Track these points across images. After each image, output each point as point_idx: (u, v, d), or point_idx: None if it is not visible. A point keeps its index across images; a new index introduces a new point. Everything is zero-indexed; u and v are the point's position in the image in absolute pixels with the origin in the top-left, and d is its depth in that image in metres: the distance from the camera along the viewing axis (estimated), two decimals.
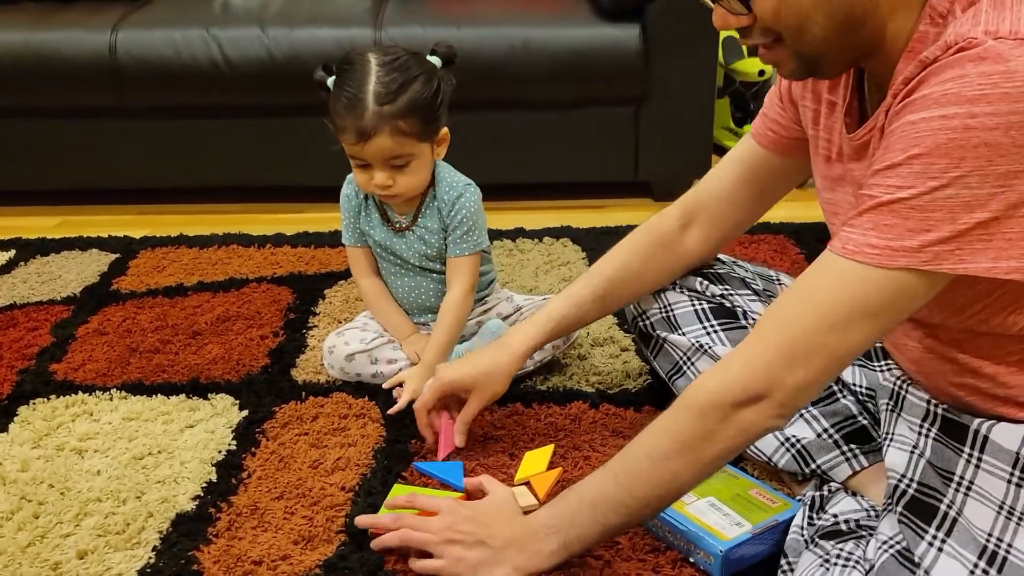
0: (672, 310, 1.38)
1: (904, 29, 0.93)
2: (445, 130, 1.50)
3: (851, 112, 1.06)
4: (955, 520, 0.94)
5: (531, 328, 1.36)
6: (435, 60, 1.47)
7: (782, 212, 1.66)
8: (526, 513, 1.12)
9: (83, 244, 2.27)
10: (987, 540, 0.91)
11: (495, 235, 2.23)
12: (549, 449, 1.36)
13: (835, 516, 1.10)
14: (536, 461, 1.34)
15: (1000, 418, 1.00)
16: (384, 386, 1.51)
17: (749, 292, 1.38)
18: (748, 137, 1.29)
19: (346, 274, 1.99)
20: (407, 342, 1.58)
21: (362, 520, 1.20)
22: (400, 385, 1.49)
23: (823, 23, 0.92)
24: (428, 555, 1.10)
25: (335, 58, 1.49)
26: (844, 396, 1.26)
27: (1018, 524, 0.91)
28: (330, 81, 1.46)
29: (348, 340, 1.58)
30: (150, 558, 1.18)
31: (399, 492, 1.28)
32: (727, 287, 1.38)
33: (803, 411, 1.24)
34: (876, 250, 0.88)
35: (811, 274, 0.95)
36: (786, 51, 0.96)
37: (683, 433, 0.98)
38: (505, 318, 1.64)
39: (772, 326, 0.95)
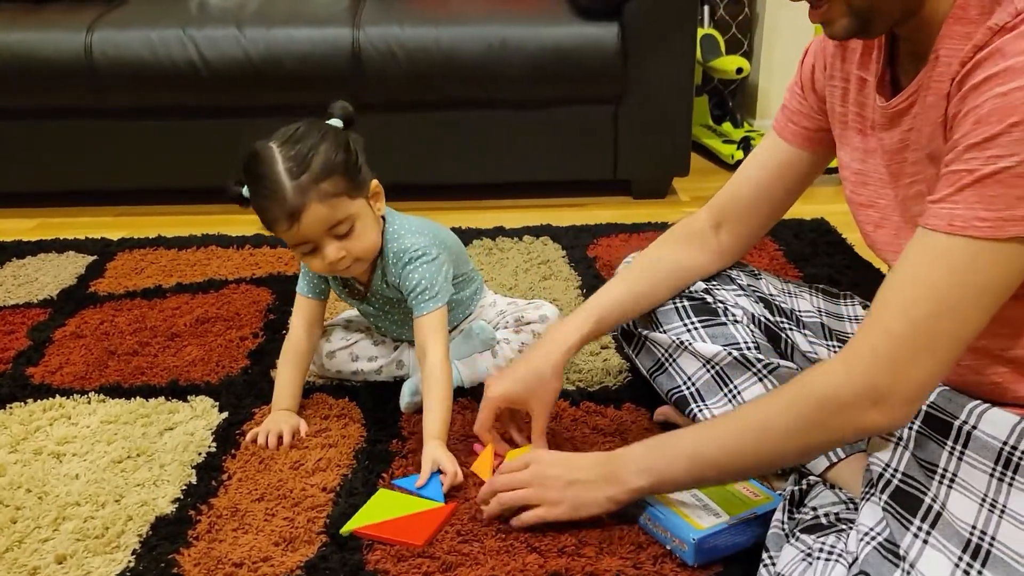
0: (653, 307, 1.38)
1: None
2: (375, 182, 1.41)
3: (883, 83, 1.08)
4: (939, 514, 0.95)
5: (575, 321, 1.34)
6: (336, 123, 1.39)
7: None
8: None
9: (60, 246, 2.26)
10: (971, 533, 0.91)
11: (475, 234, 2.23)
12: (525, 450, 1.35)
13: (814, 509, 1.10)
14: None
15: (996, 399, 1.02)
16: (419, 484, 1.30)
17: (735, 287, 1.38)
18: (771, 132, 1.31)
19: None
20: (274, 414, 1.46)
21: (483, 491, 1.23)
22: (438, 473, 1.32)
23: None
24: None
25: (314, 59, 1.44)
26: None
27: (1000, 517, 0.92)
28: (245, 190, 1.38)
29: (329, 338, 1.58)
30: (130, 562, 1.17)
31: (383, 497, 1.27)
32: (712, 282, 1.38)
33: None
34: (987, 223, 0.88)
35: (916, 257, 0.94)
36: (840, 7, 0.97)
37: (800, 418, 0.99)
38: (487, 322, 1.64)
39: (891, 315, 0.94)
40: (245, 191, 1.38)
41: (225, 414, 1.50)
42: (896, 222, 1.11)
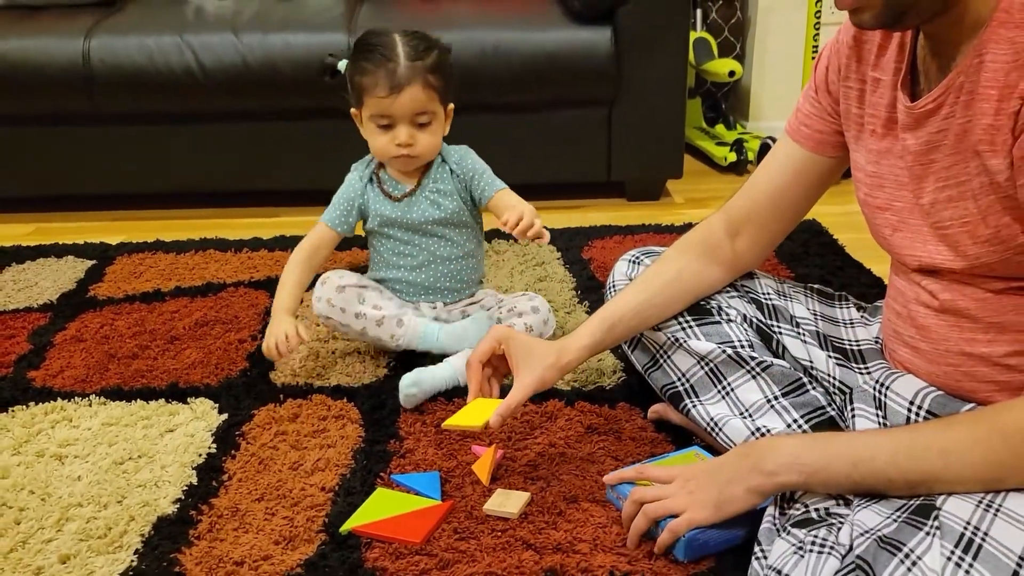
0: (663, 320, 1.39)
1: None
2: (452, 106, 1.63)
3: (906, 83, 1.08)
4: (936, 513, 0.97)
5: (587, 328, 1.33)
6: None
7: None
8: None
9: (59, 251, 2.27)
10: (964, 528, 0.93)
11: None
12: (495, 403, 1.29)
13: (805, 505, 1.11)
14: (479, 410, 1.29)
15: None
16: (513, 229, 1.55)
17: (729, 288, 1.40)
18: (784, 136, 1.29)
19: None
20: (274, 318, 1.59)
21: (611, 478, 1.25)
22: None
23: None
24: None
25: (310, 64, 1.54)
26: (813, 387, 1.28)
27: (995, 516, 0.92)
28: (341, 64, 1.60)
29: (343, 275, 1.63)
30: (132, 561, 1.19)
31: (381, 497, 1.29)
32: None
33: (773, 402, 1.28)
34: None
35: None
36: None
37: (995, 454, 0.95)
38: (487, 309, 1.69)
39: None
40: (341, 65, 1.60)
41: (224, 416, 1.52)
42: (915, 226, 1.10)
